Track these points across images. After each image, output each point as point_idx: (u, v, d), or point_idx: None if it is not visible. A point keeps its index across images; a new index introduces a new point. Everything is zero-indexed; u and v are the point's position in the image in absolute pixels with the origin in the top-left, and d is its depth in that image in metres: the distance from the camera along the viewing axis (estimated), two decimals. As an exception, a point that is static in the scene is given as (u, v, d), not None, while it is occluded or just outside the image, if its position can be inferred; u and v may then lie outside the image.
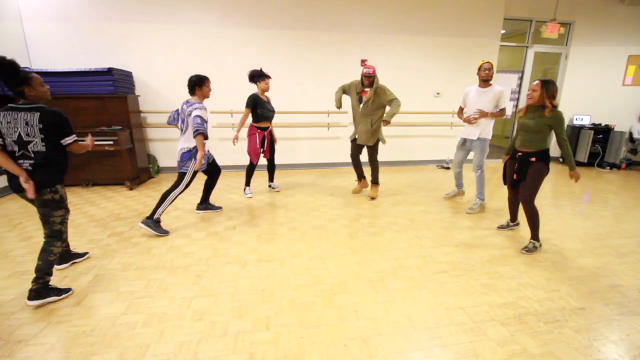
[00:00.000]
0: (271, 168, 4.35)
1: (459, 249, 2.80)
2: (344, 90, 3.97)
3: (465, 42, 5.67)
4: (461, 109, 3.81)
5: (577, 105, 6.29)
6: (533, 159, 2.68)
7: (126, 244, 2.83)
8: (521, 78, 6.18)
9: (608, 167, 6.07)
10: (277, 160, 5.30)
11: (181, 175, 3.04)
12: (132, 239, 2.94)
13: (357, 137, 3.99)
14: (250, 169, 4.12)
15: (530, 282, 2.33)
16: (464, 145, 3.76)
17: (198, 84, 3.01)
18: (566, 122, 6.45)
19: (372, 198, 4.10)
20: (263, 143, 4.02)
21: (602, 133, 6.04)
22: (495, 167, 6.08)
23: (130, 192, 4.32)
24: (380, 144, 4.01)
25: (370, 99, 3.72)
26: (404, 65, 5.59)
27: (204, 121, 2.89)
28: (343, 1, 5.13)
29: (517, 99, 6.25)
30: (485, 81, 3.49)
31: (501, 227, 3.22)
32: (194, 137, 2.90)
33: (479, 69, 3.49)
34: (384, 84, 3.81)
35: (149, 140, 5.13)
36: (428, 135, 6.04)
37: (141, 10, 4.67)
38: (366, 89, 3.76)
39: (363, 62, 5.38)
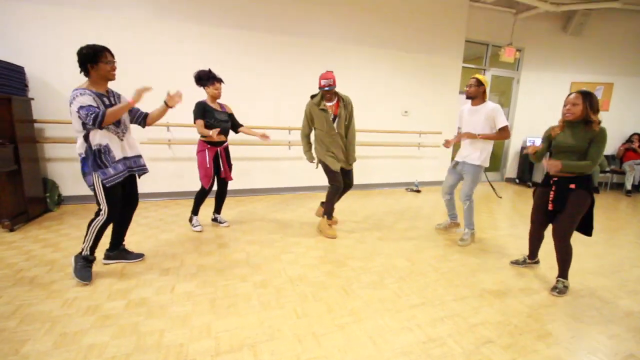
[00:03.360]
0: (222, 195, 3.35)
1: (487, 300, 2.15)
2: (307, 128, 3.18)
3: (430, 60, 5.43)
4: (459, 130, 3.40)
5: (528, 128, 6.44)
6: (572, 186, 2.19)
7: (-25, 336, 1.64)
8: (480, 100, 6.16)
9: (561, 188, 6.20)
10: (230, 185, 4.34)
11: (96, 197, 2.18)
12: (-11, 322, 1.75)
13: (340, 163, 3.19)
14: (200, 196, 3.17)
15: (596, 344, 1.75)
16: (456, 168, 3.25)
17: (91, 60, 2.03)
18: (520, 145, 6.58)
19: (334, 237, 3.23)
20: (218, 162, 3.09)
21: (555, 155, 6.21)
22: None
23: (9, 236, 2.95)
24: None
25: (344, 114, 3.10)
26: (370, 80, 5.11)
27: (91, 107, 1.98)
28: (304, 2, 4.52)
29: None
30: (471, 99, 3.07)
31: (516, 263, 2.68)
32: (89, 128, 2.06)
33: None
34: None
35: (46, 159, 3.75)
36: (394, 156, 5.58)
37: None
38: (328, 103, 3.08)
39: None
